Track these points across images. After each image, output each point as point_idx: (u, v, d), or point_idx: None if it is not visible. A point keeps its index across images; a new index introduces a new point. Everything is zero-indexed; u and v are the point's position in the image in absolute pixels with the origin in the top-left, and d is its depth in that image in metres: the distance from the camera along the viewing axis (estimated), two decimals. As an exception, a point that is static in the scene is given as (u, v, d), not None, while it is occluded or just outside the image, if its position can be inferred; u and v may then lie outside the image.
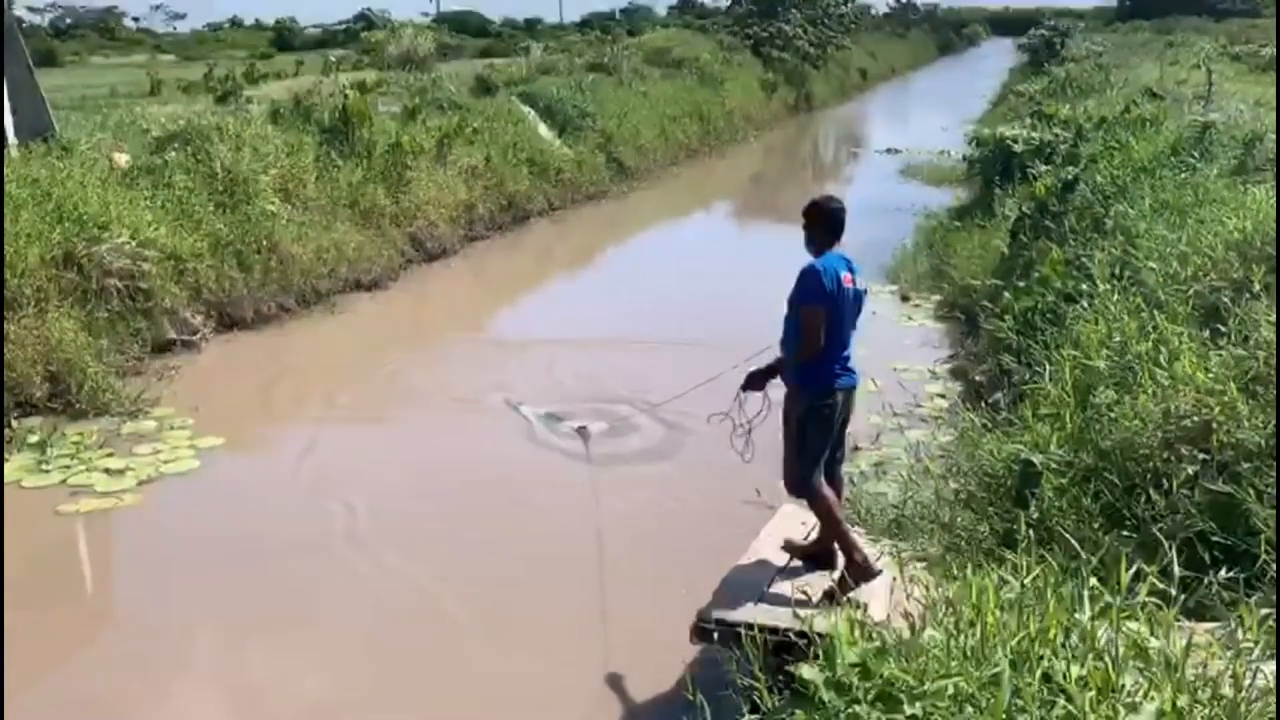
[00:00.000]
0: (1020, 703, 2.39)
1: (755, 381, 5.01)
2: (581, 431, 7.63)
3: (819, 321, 4.58)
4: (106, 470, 7.20)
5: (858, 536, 4.94)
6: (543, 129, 18.32)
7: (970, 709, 2.35)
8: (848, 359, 4.74)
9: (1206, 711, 2.51)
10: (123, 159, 11.00)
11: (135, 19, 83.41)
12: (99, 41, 64.91)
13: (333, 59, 28.08)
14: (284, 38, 67.42)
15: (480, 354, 10.43)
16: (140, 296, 9.43)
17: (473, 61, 31.46)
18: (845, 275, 4.72)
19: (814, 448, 4.74)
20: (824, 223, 4.79)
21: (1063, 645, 2.76)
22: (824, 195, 4.95)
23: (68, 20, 73.56)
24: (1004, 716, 2.28)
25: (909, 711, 2.24)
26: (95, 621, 5.84)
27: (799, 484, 4.81)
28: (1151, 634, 2.92)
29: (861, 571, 4.63)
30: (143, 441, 7.71)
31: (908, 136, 26.96)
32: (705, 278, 12.77)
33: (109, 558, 6.59)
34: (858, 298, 4.79)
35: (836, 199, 4.92)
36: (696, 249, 14.74)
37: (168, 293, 9.72)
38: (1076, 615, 2.87)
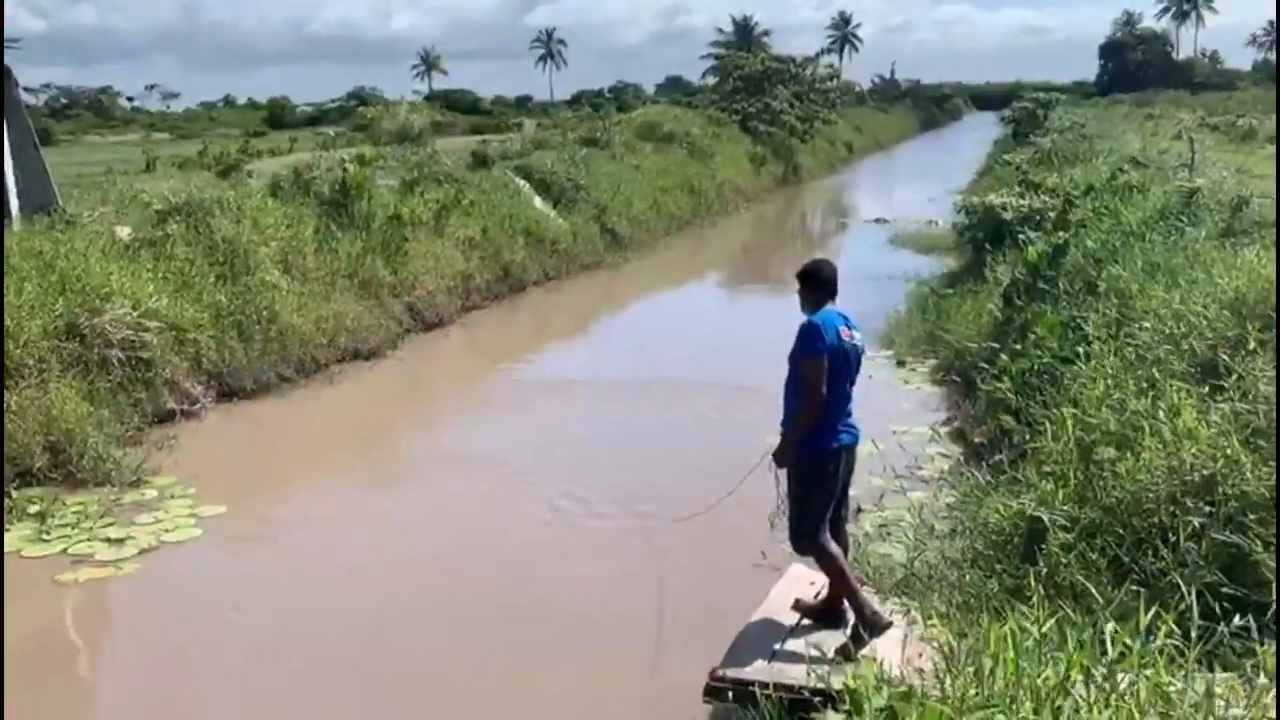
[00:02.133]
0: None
1: (784, 456, 4.93)
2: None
3: (821, 374, 4.66)
4: (107, 539, 7.15)
5: (867, 593, 4.95)
6: (538, 201, 18.59)
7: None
8: (849, 415, 4.82)
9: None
10: (124, 232, 11.12)
11: (130, 99, 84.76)
12: (94, 121, 65.78)
13: (331, 133, 28.50)
14: (277, 116, 68.47)
15: (480, 422, 10.47)
16: (141, 367, 9.46)
17: (466, 137, 31.99)
18: (843, 329, 4.83)
19: (819, 505, 4.79)
20: (817, 282, 4.91)
21: (1085, 690, 2.77)
22: (815, 258, 5.07)
23: (63, 100, 74.63)
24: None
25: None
26: (89, 693, 5.75)
27: (806, 542, 4.84)
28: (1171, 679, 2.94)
29: (872, 624, 4.64)
30: (144, 510, 7.68)
31: (895, 207, 27.42)
32: (700, 344, 12.91)
33: (106, 627, 6.53)
34: (856, 353, 4.89)
35: (828, 260, 5.05)
36: (691, 316, 14.90)
37: (168, 363, 9.75)
38: (1096, 661, 2.88)
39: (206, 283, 10.80)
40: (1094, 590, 4.14)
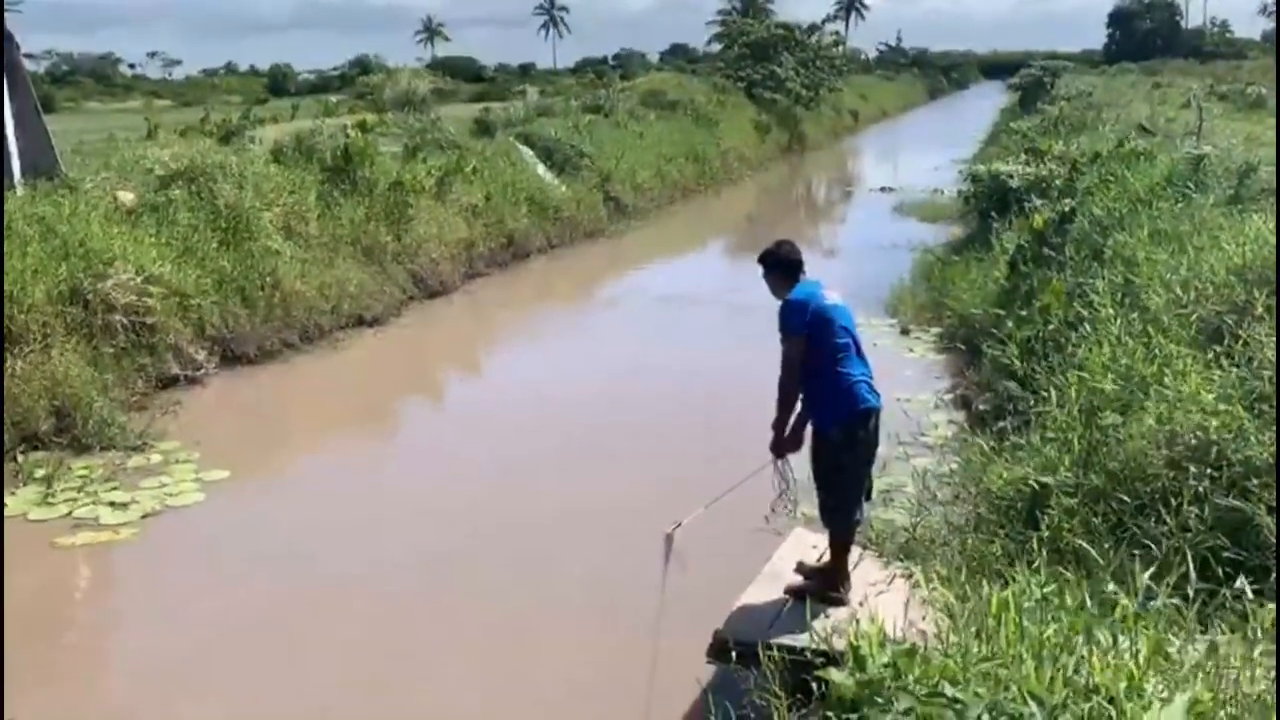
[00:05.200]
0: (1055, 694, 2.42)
1: (787, 444, 4.88)
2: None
3: (797, 353, 4.62)
4: (112, 504, 7.19)
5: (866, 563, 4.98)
6: (541, 169, 18.51)
7: (1014, 688, 2.38)
8: (871, 377, 4.76)
9: (1232, 708, 2.54)
10: (128, 197, 11.08)
11: (131, 66, 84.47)
12: (95, 88, 65.48)
13: (333, 100, 28.35)
14: (279, 83, 68.13)
15: (482, 387, 10.51)
16: (145, 332, 9.47)
17: (469, 105, 31.82)
18: (826, 292, 4.79)
19: (855, 478, 4.74)
20: (780, 264, 4.86)
21: (1086, 648, 2.78)
22: (773, 242, 5.01)
23: (64, 68, 74.28)
24: (1046, 688, 2.31)
25: (950, 693, 2.27)
26: (81, 653, 5.78)
27: (842, 519, 4.78)
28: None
29: (833, 594, 4.67)
30: (148, 475, 7.71)
31: (900, 175, 27.29)
32: (703, 316, 12.90)
33: (103, 589, 6.56)
34: (848, 313, 4.83)
35: (785, 240, 5.01)
36: (694, 286, 14.83)
37: (172, 328, 9.76)
38: (1098, 620, 2.90)
39: (209, 248, 10.78)
40: (1094, 554, 4.14)
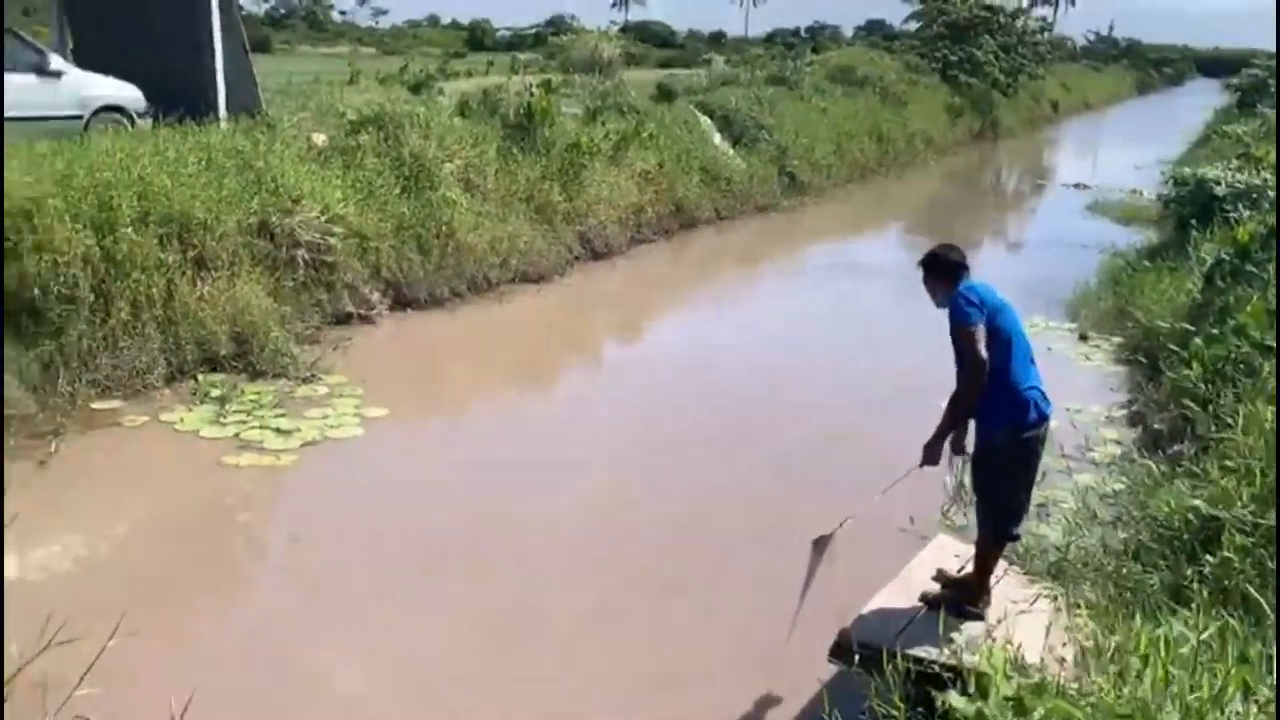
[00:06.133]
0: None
1: (934, 451, 4.59)
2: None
3: (978, 340, 4.33)
4: (277, 429, 7.56)
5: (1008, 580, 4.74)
6: (717, 138, 18.36)
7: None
8: (1042, 384, 4.46)
9: None
10: (320, 138, 11.58)
11: (342, 12, 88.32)
12: (307, 32, 68.90)
13: (520, 59, 28.87)
14: (477, 37, 70.03)
15: (640, 352, 10.56)
16: (324, 269, 9.90)
17: (654, 71, 31.85)
18: (996, 293, 4.53)
19: (1020, 489, 4.50)
20: (946, 266, 4.57)
21: (1242, 707, 2.54)
22: (938, 245, 4.74)
23: (281, 10, 78.38)
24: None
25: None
26: (231, 569, 6.12)
27: (999, 532, 4.56)
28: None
29: (970, 608, 4.46)
30: (313, 405, 8.07)
31: (1098, 172, 25.87)
32: (870, 297, 12.58)
33: (260, 509, 6.89)
34: (1017, 315, 4.56)
35: (947, 244, 4.74)
36: (865, 266, 14.46)
37: (350, 268, 10.17)
38: (1260, 678, 2.64)
39: (391, 194, 11.15)
40: (1265, 603, 3.79)
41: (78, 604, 4.23)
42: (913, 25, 39.21)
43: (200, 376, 8.32)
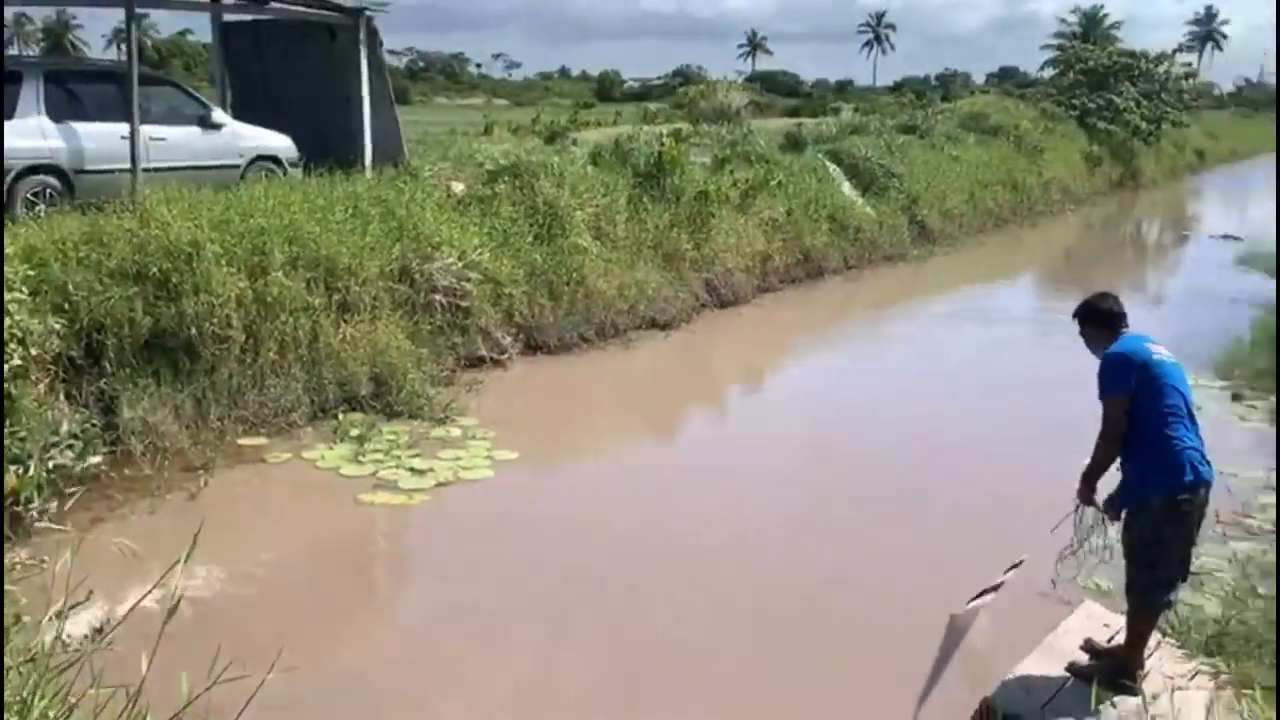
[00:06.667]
0: None
1: (1089, 488, 4.50)
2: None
3: (1119, 412, 4.21)
4: (412, 469, 7.74)
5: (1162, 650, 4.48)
6: (846, 186, 18.23)
7: None
8: (1203, 446, 4.26)
9: None
10: (459, 187, 11.95)
11: (478, 65, 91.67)
12: (444, 84, 71.67)
13: (652, 109, 29.30)
14: (605, 89, 71.61)
15: (767, 402, 10.47)
16: (460, 314, 10.17)
17: (782, 119, 31.93)
18: (1154, 347, 4.33)
19: (1171, 555, 4.27)
20: (1099, 317, 4.47)
21: None
22: (1094, 294, 4.60)
23: (420, 64, 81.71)
24: None
25: None
26: (365, 603, 6.25)
27: (1153, 597, 4.34)
28: None
29: (1126, 681, 4.24)
30: (447, 447, 8.25)
31: (1249, 224, 24.69)
32: (1004, 354, 12.21)
33: (391, 546, 7.05)
34: (1179, 369, 4.35)
35: (1104, 292, 4.61)
36: (997, 323, 14.07)
37: (484, 312, 10.43)
38: None
39: (525, 241, 11.41)
40: None
41: (230, 635, 4.37)
42: (1048, 72, 38.43)
43: (341, 415, 8.61)
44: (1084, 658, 4.53)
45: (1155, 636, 4.63)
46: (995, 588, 5.50)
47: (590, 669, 5.25)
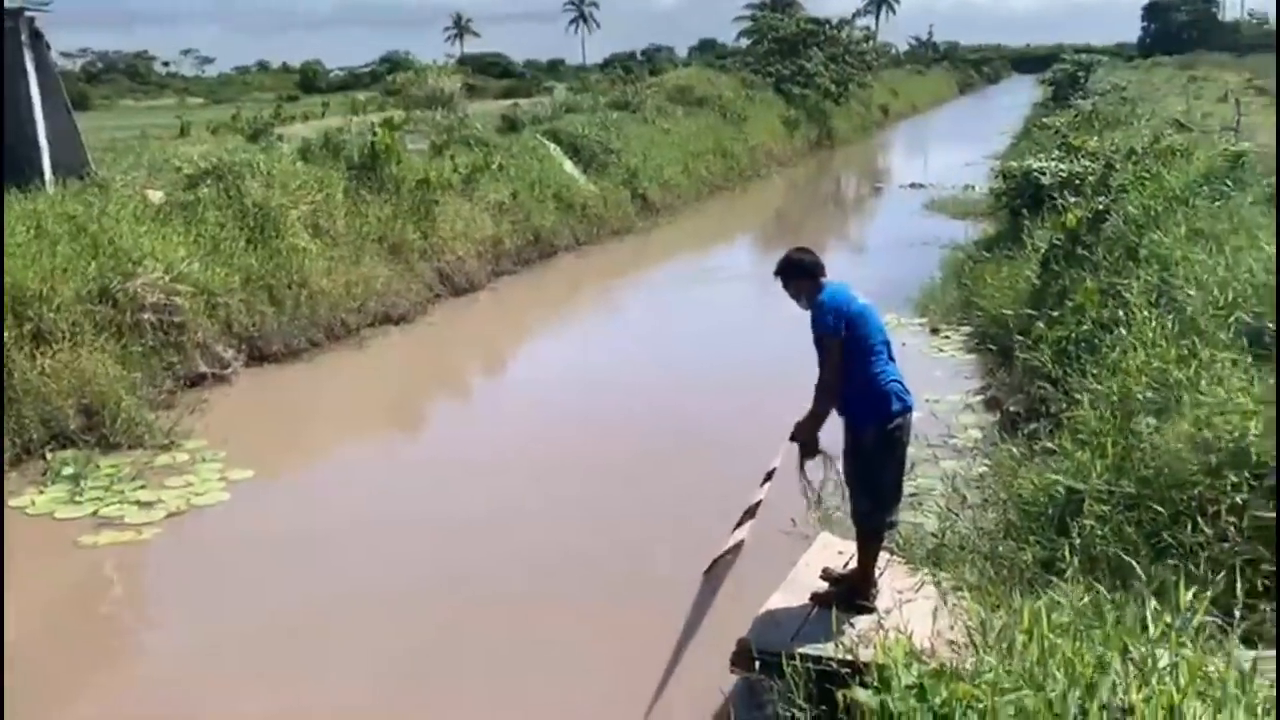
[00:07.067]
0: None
1: (804, 432, 4.76)
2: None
3: (836, 352, 4.56)
4: (138, 502, 7.22)
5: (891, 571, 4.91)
6: (568, 165, 18.47)
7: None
8: (902, 378, 4.69)
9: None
10: (156, 195, 11.14)
11: (165, 64, 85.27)
12: (129, 85, 66.20)
13: (361, 99, 28.41)
14: (309, 80, 68.53)
15: (509, 386, 10.49)
16: (173, 330, 9.51)
17: (497, 101, 31.84)
18: (853, 293, 4.73)
19: (891, 478, 4.69)
20: (801, 270, 4.78)
21: (1122, 669, 2.68)
22: (788, 250, 4.92)
23: (99, 65, 75.11)
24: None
25: (982, 726, 2.19)
26: (97, 656, 5.80)
27: (874, 521, 4.73)
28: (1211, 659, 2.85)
29: (861, 602, 4.62)
30: (174, 474, 7.74)
31: (931, 172, 27.03)
32: (729, 311, 12.82)
33: (121, 589, 6.56)
34: (875, 311, 4.77)
35: (799, 247, 4.93)
36: (721, 283, 14.74)
37: (200, 326, 9.81)
38: (1135, 639, 2.79)
39: (237, 246, 10.82)
40: (1134, 565, 4.02)
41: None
42: (744, 42, 40.34)
43: (49, 454, 7.86)
44: (824, 586, 4.87)
45: (884, 556, 5.05)
46: (754, 509, 5.76)
47: (352, 683, 5.10)
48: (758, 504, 5.69)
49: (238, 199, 11.36)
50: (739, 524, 5.71)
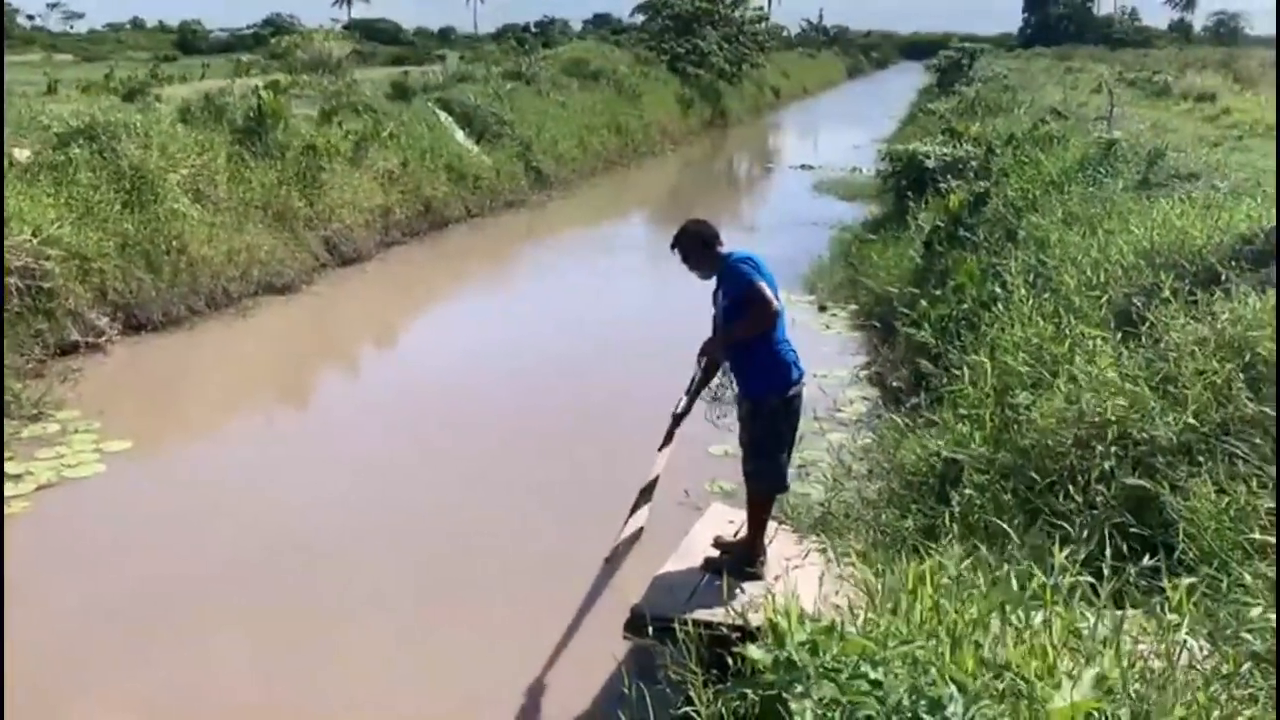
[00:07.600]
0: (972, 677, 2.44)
1: (715, 347, 4.87)
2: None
3: (767, 290, 4.60)
4: (4, 474, 6.87)
5: (781, 537, 5.03)
6: (460, 135, 18.19)
7: (933, 670, 2.39)
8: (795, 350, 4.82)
9: (1138, 684, 2.59)
10: (23, 154, 10.57)
11: (30, 16, 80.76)
12: (-10, 39, 62.51)
13: (243, 61, 27.43)
14: (188, 41, 65.92)
15: (395, 359, 10.33)
16: (42, 296, 9.06)
17: (386, 68, 31.14)
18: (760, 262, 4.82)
19: (786, 443, 4.85)
20: (704, 240, 4.85)
21: (1000, 626, 2.81)
22: (685, 222, 4.97)
23: (-44, 16, 70.76)
24: (968, 673, 2.34)
25: (873, 675, 2.27)
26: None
27: (773, 487, 4.89)
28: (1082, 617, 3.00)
29: (751, 569, 4.75)
30: (45, 445, 7.39)
31: (820, 153, 27.53)
32: (621, 286, 12.87)
33: None
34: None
35: (693, 219, 4.98)
36: (613, 259, 14.76)
37: (71, 293, 9.36)
38: (1014, 598, 2.93)
39: (112, 210, 10.34)
40: (1009, 530, 4.21)
41: None
42: (639, 18, 40.27)
43: (-96, 426, 7.42)
44: (716, 554, 4.96)
45: (773, 525, 5.16)
46: (650, 487, 5.79)
47: (229, 657, 4.99)
48: (654, 481, 5.74)
49: (113, 160, 10.84)
50: (636, 505, 5.74)
